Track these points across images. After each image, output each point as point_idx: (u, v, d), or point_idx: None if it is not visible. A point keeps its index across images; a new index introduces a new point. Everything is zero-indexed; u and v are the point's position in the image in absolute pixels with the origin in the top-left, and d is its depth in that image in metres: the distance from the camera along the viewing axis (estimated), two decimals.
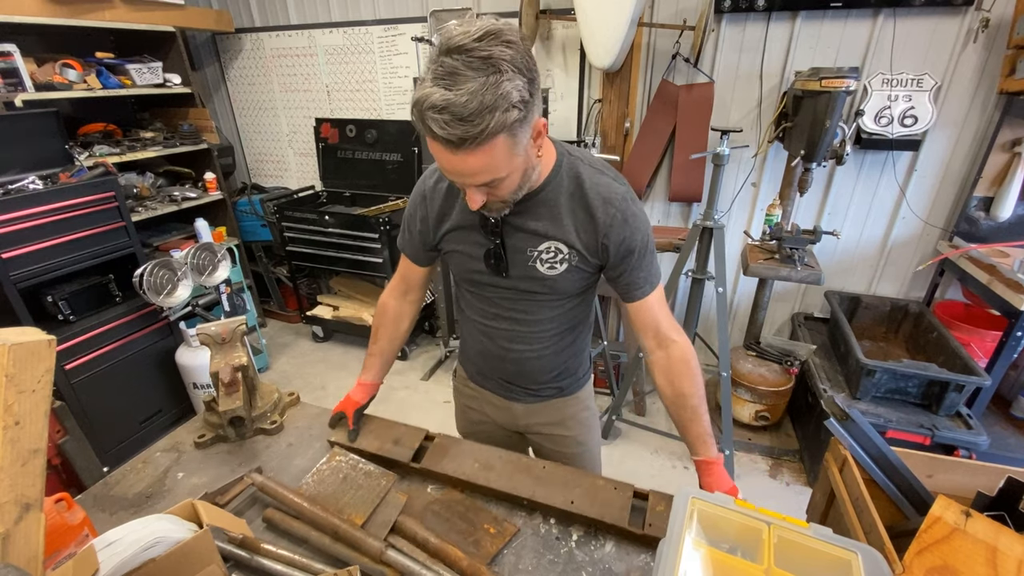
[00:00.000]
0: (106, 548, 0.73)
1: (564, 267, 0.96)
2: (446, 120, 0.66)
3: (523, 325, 1.06)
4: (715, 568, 0.68)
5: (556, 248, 0.95)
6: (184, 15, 2.98)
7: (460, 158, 0.72)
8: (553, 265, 0.96)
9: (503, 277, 1.00)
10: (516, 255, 0.97)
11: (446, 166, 0.76)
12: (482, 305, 1.09)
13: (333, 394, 3.02)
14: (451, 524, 0.97)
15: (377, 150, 3.29)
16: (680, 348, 1.00)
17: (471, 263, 1.02)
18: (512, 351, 1.10)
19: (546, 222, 0.94)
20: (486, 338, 1.12)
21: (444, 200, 1.01)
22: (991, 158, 2.17)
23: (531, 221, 0.94)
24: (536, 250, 0.95)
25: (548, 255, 0.95)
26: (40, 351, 0.69)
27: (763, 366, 2.37)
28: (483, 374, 1.22)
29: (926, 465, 0.99)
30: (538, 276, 0.97)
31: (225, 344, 1.22)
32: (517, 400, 1.20)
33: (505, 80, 0.66)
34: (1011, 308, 1.84)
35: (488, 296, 1.06)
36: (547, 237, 0.94)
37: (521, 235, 0.95)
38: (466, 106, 0.65)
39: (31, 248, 2.03)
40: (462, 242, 1.01)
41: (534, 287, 0.99)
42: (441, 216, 1.02)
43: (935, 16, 2.14)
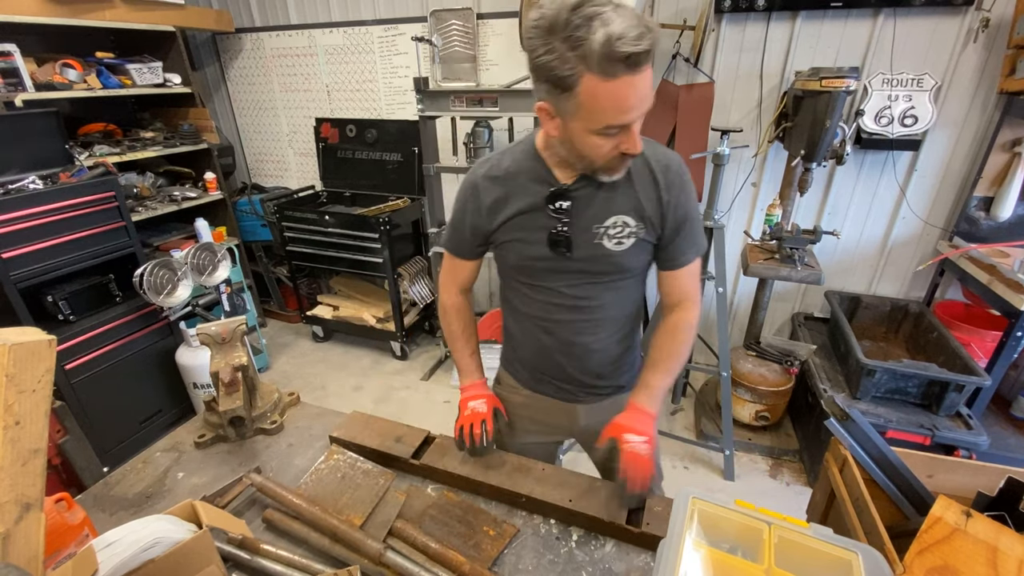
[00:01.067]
0: (106, 548, 0.73)
1: (631, 241, 0.97)
2: (636, 36, 0.69)
3: (587, 313, 1.04)
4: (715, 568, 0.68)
5: (623, 222, 0.95)
6: (184, 15, 2.98)
7: (645, 75, 0.73)
8: (620, 240, 0.96)
9: (567, 258, 0.98)
10: (581, 234, 0.96)
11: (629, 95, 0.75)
12: (542, 298, 1.05)
13: (333, 394, 3.02)
14: (450, 528, 0.97)
15: (377, 150, 3.29)
16: (694, 316, 1.06)
17: (531, 249, 1.00)
18: (576, 344, 1.07)
19: (611, 195, 0.95)
20: (546, 335, 1.09)
21: (501, 188, 1.00)
22: (991, 158, 2.17)
23: (597, 195, 0.95)
24: (602, 226, 0.96)
25: (615, 230, 0.96)
26: (40, 351, 0.69)
27: (763, 366, 2.37)
28: (540, 377, 1.17)
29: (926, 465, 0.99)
30: (604, 253, 0.97)
31: (225, 344, 1.22)
32: (578, 401, 1.16)
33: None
34: (1011, 308, 1.84)
35: (549, 286, 1.03)
36: (613, 211, 0.95)
37: (587, 212, 0.95)
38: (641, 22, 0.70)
39: (31, 248, 2.03)
40: (523, 228, 1.00)
41: (600, 266, 0.99)
42: (497, 205, 1.00)
43: (935, 16, 2.13)
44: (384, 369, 3.27)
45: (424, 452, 1.13)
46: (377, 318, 3.28)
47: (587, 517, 0.96)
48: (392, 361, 3.35)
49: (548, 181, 0.96)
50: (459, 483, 1.08)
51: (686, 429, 2.67)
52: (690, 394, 2.88)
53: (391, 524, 0.95)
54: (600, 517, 0.95)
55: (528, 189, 0.97)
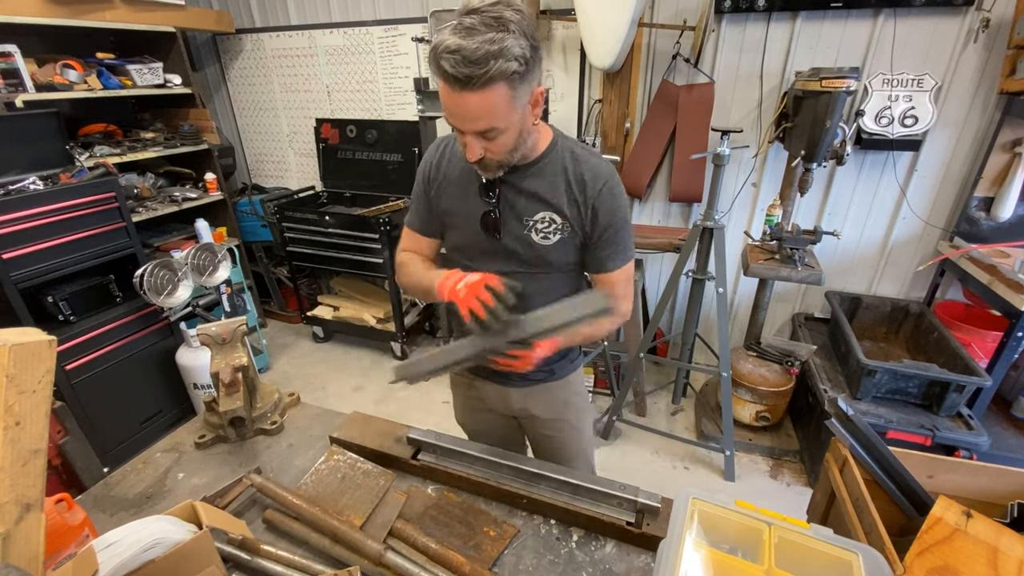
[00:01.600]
0: (106, 549, 0.73)
1: (557, 237, 1.02)
2: (456, 60, 0.76)
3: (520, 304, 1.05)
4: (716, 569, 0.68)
5: (550, 218, 1.01)
6: (184, 15, 2.99)
7: (464, 98, 0.80)
8: (547, 235, 1.02)
9: (497, 239, 1.04)
10: (512, 221, 1.02)
11: (451, 107, 0.84)
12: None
13: (334, 394, 3.02)
14: (450, 529, 0.97)
15: (377, 150, 3.29)
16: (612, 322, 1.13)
17: (467, 226, 1.06)
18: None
19: (542, 191, 1.01)
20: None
21: (449, 162, 1.07)
22: (991, 158, 2.17)
23: (528, 188, 1.01)
24: (532, 219, 1.02)
25: (542, 225, 1.02)
26: (41, 351, 0.69)
27: (764, 366, 2.37)
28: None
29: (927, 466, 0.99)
30: (531, 244, 1.03)
31: (225, 344, 1.22)
32: (511, 385, 1.22)
33: (511, 37, 0.78)
34: (1012, 308, 1.84)
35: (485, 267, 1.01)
36: (542, 207, 1.01)
37: (519, 200, 1.01)
38: (475, 52, 0.76)
39: (32, 248, 2.03)
40: (460, 199, 1.06)
41: (528, 255, 1.04)
42: (446, 175, 1.08)
43: (935, 16, 2.13)
44: (384, 369, 3.27)
45: (424, 452, 1.13)
46: (377, 318, 3.28)
47: (587, 517, 0.96)
48: (392, 361, 3.35)
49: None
50: (459, 483, 1.08)
51: (686, 429, 2.67)
52: (690, 394, 2.88)
53: (391, 525, 0.95)
54: (600, 517, 0.95)
55: (465, 174, 1.05)
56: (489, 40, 0.76)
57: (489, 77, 0.77)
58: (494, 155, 0.91)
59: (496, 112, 0.83)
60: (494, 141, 0.88)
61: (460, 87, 0.79)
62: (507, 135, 0.88)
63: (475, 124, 0.85)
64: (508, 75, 0.79)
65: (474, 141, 0.88)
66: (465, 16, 0.79)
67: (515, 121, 0.86)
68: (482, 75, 0.77)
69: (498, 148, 0.90)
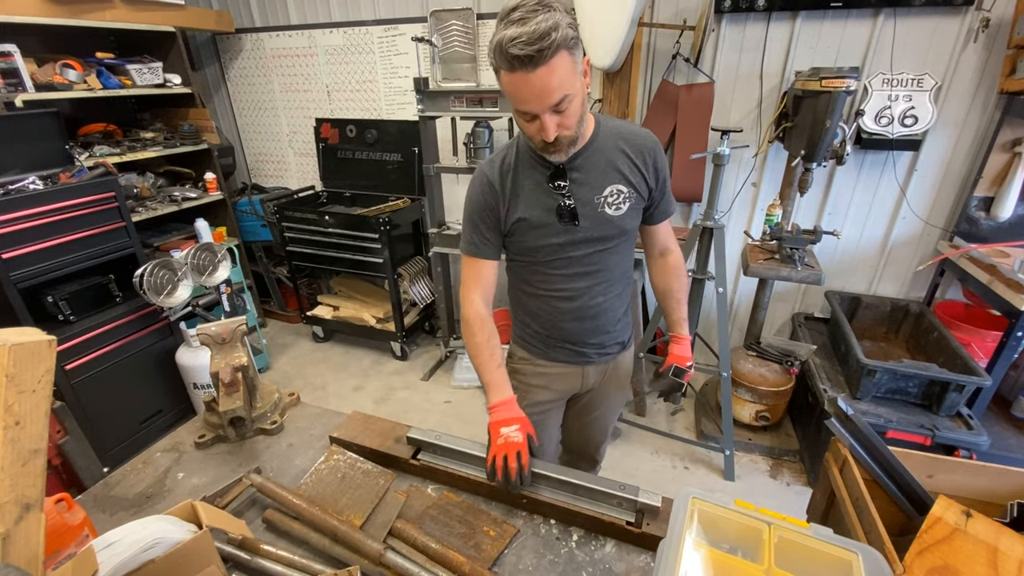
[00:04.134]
0: (106, 549, 0.73)
1: (627, 205, 1.13)
2: (523, 42, 0.86)
3: (598, 276, 1.20)
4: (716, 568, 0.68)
5: (617, 190, 1.12)
6: (184, 15, 2.98)
7: (538, 75, 0.89)
8: (618, 206, 1.13)
9: (576, 226, 1.11)
10: (584, 207, 1.11)
11: (526, 91, 0.92)
12: (558, 271, 1.18)
13: (333, 394, 3.02)
14: (450, 528, 0.97)
15: (377, 150, 3.29)
16: (676, 256, 1.33)
17: (544, 229, 1.13)
18: (591, 306, 1.22)
19: (605, 168, 1.11)
20: (566, 302, 1.21)
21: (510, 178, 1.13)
22: (991, 158, 2.17)
23: (592, 168, 1.10)
24: (601, 196, 1.11)
25: (612, 198, 1.12)
26: (40, 351, 0.69)
27: (763, 366, 2.37)
28: (555, 344, 1.30)
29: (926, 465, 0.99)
30: (607, 219, 1.13)
31: (225, 344, 1.22)
32: (589, 362, 1.32)
33: (558, 12, 0.89)
34: (1011, 308, 1.84)
35: (565, 258, 1.16)
36: (608, 181, 1.11)
37: (586, 183, 1.10)
38: (536, 31, 0.85)
39: (31, 248, 2.03)
40: (533, 202, 1.12)
41: (604, 231, 1.14)
42: (509, 193, 1.13)
43: (935, 16, 2.13)
44: (384, 369, 3.27)
45: (424, 452, 1.13)
46: (377, 318, 3.28)
47: (587, 517, 0.96)
48: (392, 361, 3.35)
49: (546, 164, 1.10)
50: (459, 483, 1.08)
51: (686, 429, 2.67)
52: (690, 394, 2.88)
53: (391, 524, 0.95)
54: (600, 517, 0.95)
55: (532, 175, 1.12)
56: (543, 20, 0.86)
57: (555, 46, 0.86)
58: (567, 129, 0.98)
59: (565, 78, 0.91)
60: (566, 113, 0.96)
61: (532, 66, 0.88)
62: (576, 102, 0.96)
63: (551, 97, 0.92)
64: (568, 42, 0.88)
65: (549, 119, 0.95)
66: (512, 12, 0.89)
67: (579, 87, 0.96)
68: (548, 46, 0.86)
69: (570, 119, 0.97)
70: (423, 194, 3.08)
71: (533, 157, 1.11)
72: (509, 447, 1.00)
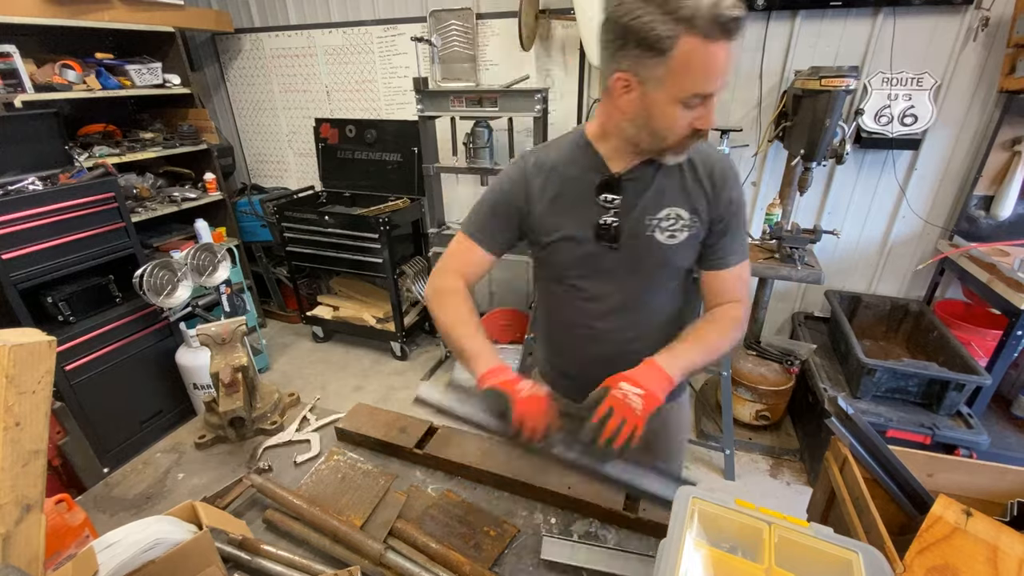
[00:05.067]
0: (106, 549, 0.73)
1: (684, 235, 0.94)
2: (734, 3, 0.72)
3: (634, 314, 1.01)
4: (716, 568, 0.68)
5: (676, 214, 0.93)
6: (183, 15, 2.98)
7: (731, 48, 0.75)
8: (673, 233, 0.94)
9: (613, 252, 0.95)
10: (632, 226, 0.94)
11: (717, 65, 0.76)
12: (589, 304, 1.01)
13: (333, 394, 3.02)
14: (451, 528, 0.97)
15: (377, 150, 3.29)
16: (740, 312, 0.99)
17: (576, 245, 0.96)
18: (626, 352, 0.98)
19: (669, 186, 0.93)
20: (592, 343, 1.04)
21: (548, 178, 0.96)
22: (991, 157, 2.17)
23: (649, 186, 0.93)
24: (655, 218, 0.93)
25: (668, 223, 0.93)
26: (40, 352, 0.69)
27: (763, 365, 2.37)
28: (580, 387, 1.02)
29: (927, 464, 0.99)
30: (654, 246, 0.94)
31: (225, 344, 1.22)
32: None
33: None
34: (1011, 307, 1.84)
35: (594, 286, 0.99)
36: (669, 202, 0.93)
37: (638, 205, 0.93)
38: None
39: (31, 249, 2.03)
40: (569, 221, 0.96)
41: (649, 261, 0.96)
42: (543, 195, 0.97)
43: (935, 15, 2.13)
44: (384, 369, 3.27)
45: (427, 442, 1.14)
46: (377, 318, 3.28)
47: (586, 504, 0.98)
48: (392, 361, 3.35)
49: (599, 170, 0.94)
50: (460, 471, 1.09)
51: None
52: (690, 394, 2.88)
53: (391, 524, 0.95)
54: (599, 504, 0.96)
55: (576, 180, 0.95)
56: None
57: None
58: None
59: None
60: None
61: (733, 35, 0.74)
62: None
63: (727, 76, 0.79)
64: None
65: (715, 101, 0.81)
66: None
67: None
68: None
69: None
70: (423, 194, 3.07)
71: (586, 158, 0.95)
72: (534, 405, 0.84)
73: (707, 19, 0.71)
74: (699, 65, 0.75)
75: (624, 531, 0.96)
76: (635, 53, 0.77)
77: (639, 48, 0.76)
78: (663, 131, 0.83)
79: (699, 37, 0.72)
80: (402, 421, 1.20)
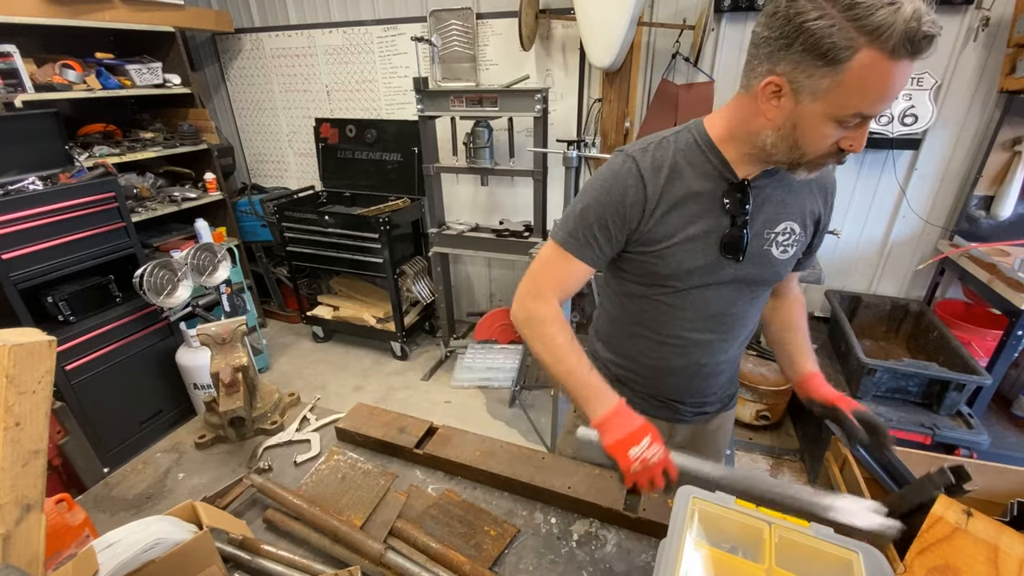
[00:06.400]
0: (106, 549, 0.73)
1: (793, 250, 0.93)
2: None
3: (725, 329, 0.97)
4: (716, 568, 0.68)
5: (791, 228, 0.91)
6: (184, 15, 2.98)
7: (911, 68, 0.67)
8: (786, 248, 0.92)
9: (734, 265, 0.89)
10: (754, 239, 0.88)
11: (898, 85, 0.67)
12: (686, 314, 0.94)
13: (333, 394, 3.02)
14: (451, 528, 0.97)
15: (377, 150, 3.29)
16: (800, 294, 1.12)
17: (694, 254, 0.88)
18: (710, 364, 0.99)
19: (790, 199, 0.90)
20: (677, 353, 0.99)
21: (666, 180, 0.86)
22: (991, 157, 2.17)
23: (772, 198, 0.89)
24: (773, 231, 0.90)
25: (783, 237, 0.91)
26: (40, 352, 0.69)
27: (764, 366, 2.37)
28: (648, 399, 1.06)
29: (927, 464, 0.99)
30: (772, 261, 0.92)
31: (225, 344, 1.22)
32: (684, 421, 1.08)
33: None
34: (1012, 307, 1.84)
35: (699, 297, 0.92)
36: (786, 216, 0.91)
37: (761, 215, 0.88)
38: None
39: (31, 249, 2.03)
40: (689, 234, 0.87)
41: (762, 274, 0.92)
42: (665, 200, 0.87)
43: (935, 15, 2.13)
44: (384, 369, 3.27)
45: (427, 442, 1.14)
46: (377, 318, 3.28)
47: (586, 504, 0.97)
48: (392, 361, 3.35)
49: (724, 176, 0.86)
50: (460, 471, 1.09)
51: None
52: None
53: (392, 524, 0.95)
54: (599, 504, 0.96)
55: (700, 183, 0.86)
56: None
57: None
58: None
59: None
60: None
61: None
62: None
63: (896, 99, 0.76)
64: None
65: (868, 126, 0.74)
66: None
67: None
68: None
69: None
70: (423, 194, 3.07)
71: (709, 158, 0.86)
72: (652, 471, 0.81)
73: (901, 35, 0.62)
74: (875, 84, 0.66)
75: (624, 531, 0.96)
76: (798, 58, 0.69)
77: (806, 53, 0.67)
78: (806, 147, 0.76)
79: (884, 53, 0.64)
80: (402, 421, 1.20)
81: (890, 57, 0.64)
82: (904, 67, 0.65)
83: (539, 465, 1.07)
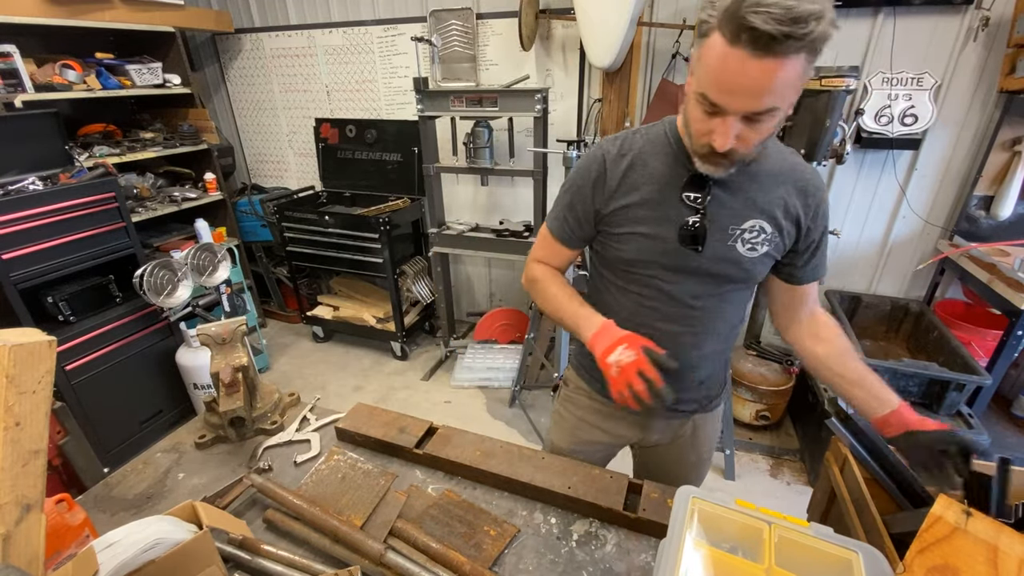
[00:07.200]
0: (106, 549, 0.73)
1: (764, 249, 0.92)
2: (778, 15, 0.62)
3: (694, 323, 0.98)
4: (716, 568, 0.68)
5: (760, 227, 0.90)
6: (184, 15, 2.98)
7: (763, 66, 0.66)
8: (754, 246, 0.91)
9: (694, 256, 0.91)
10: (716, 232, 0.90)
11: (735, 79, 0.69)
12: (649, 302, 0.98)
13: (333, 394, 3.02)
14: (451, 528, 0.97)
15: (377, 150, 3.29)
16: (826, 315, 1.05)
17: (654, 242, 0.92)
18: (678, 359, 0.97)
19: (757, 196, 0.90)
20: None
21: (630, 167, 0.92)
22: (991, 157, 2.17)
23: (743, 192, 0.89)
24: (739, 228, 0.90)
25: (751, 235, 0.91)
26: (41, 352, 0.69)
27: (763, 365, 2.37)
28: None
29: None
30: (737, 258, 0.91)
31: (225, 344, 1.22)
32: (658, 416, 1.10)
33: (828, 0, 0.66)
34: (1011, 307, 1.84)
35: (662, 288, 0.96)
36: (754, 213, 0.90)
37: (725, 211, 0.89)
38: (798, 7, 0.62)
39: (31, 249, 2.03)
40: (648, 216, 0.91)
41: (726, 271, 0.93)
42: (623, 185, 0.92)
43: (935, 15, 2.13)
44: (384, 369, 3.27)
45: (427, 442, 1.14)
46: (377, 318, 3.28)
47: (586, 504, 0.98)
48: (392, 361, 3.35)
49: (687, 166, 0.88)
50: (460, 471, 1.09)
51: None
52: None
53: (392, 524, 0.95)
54: (599, 504, 0.96)
55: (661, 173, 0.90)
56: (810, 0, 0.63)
57: (808, 41, 0.64)
58: (746, 146, 0.77)
59: (786, 88, 0.70)
60: (758, 126, 0.74)
61: (764, 52, 0.65)
62: (776, 119, 0.75)
63: (756, 102, 0.70)
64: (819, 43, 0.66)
65: (735, 125, 0.74)
66: None
67: (791, 103, 0.74)
68: (801, 36, 0.63)
69: (758, 136, 0.76)
70: (423, 194, 3.07)
71: (674, 150, 0.90)
72: (626, 372, 0.86)
73: (729, 16, 0.65)
74: (713, 65, 0.70)
75: (624, 531, 0.96)
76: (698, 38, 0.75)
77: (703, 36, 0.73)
78: (690, 128, 0.81)
79: (724, 37, 0.67)
80: (402, 421, 1.20)
81: (729, 43, 0.67)
82: (739, 57, 0.67)
83: (539, 465, 1.07)
